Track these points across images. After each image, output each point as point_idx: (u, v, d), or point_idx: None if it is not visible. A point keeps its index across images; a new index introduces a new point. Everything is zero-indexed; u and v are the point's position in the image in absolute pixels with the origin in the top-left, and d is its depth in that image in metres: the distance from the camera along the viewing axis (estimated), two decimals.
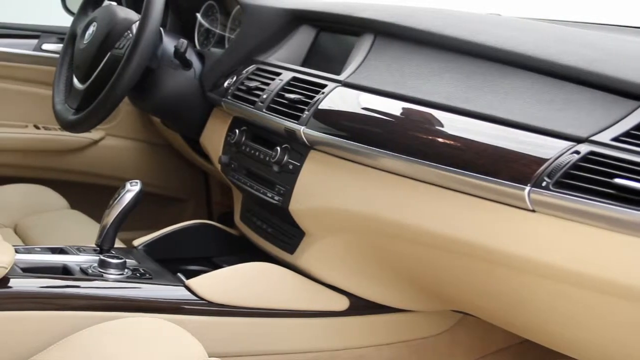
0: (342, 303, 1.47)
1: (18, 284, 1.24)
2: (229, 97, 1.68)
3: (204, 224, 1.73)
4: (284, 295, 1.44)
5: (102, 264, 1.38)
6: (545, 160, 1.02)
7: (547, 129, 1.06)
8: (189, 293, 1.38)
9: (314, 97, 1.44)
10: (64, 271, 1.38)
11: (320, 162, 1.42)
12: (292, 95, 1.49)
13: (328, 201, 1.39)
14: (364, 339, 1.51)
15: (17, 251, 1.32)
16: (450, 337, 1.59)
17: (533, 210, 1.04)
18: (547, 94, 1.12)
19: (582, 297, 1.05)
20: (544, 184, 1.01)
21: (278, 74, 1.60)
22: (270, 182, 1.52)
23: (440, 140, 1.19)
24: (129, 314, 1.27)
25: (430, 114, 1.23)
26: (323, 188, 1.40)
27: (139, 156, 2.47)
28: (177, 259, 1.63)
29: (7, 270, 1.20)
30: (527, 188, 1.03)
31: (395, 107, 1.29)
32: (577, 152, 1.00)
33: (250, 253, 1.64)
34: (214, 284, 1.39)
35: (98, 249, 1.44)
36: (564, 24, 1.51)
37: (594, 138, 1.00)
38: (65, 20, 2.24)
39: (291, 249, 1.52)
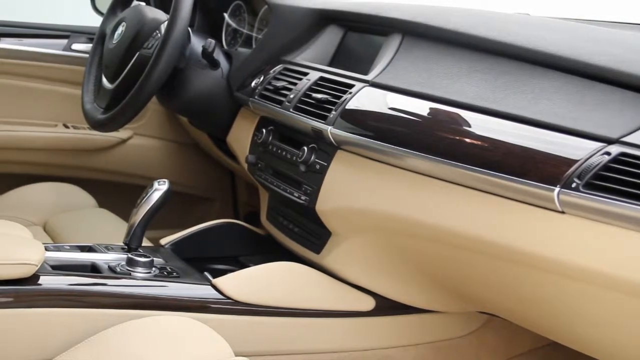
0: (368, 303, 1.47)
1: (47, 281, 1.25)
2: (256, 97, 1.69)
3: (231, 223, 1.74)
4: (310, 295, 1.44)
5: (130, 262, 1.39)
6: (575, 161, 1.01)
7: (577, 129, 1.05)
8: (215, 292, 1.38)
9: (341, 97, 1.44)
10: (93, 269, 1.39)
11: (347, 162, 1.42)
12: (319, 95, 1.49)
13: (355, 201, 1.38)
14: (390, 340, 1.50)
15: (46, 249, 1.33)
16: (476, 338, 1.58)
17: (562, 212, 1.03)
18: (577, 95, 1.11)
19: (611, 300, 1.04)
20: (573, 185, 1.00)
21: (305, 74, 1.60)
22: (297, 182, 1.53)
23: (468, 140, 1.18)
24: (156, 312, 1.28)
25: (458, 114, 1.22)
26: (350, 188, 1.40)
27: (166, 155, 2.49)
28: (203, 257, 1.64)
29: (37, 268, 1.22)
30: (557, 189, 1.02)
31: (422, 107, 1.29)
32: (608, 153, 0.99)
33: (277, 253, 1.64)
34: (241, 283, 1.40)
35: (126, 247, 1.45)
36: (594, 23, 1.50)
37: (625, 139, 0.99)
38: (94, 21, 2.26)
39: (317, 249, 1.52)
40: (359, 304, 1.47)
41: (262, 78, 1.72)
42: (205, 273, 1.48)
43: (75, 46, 2.34)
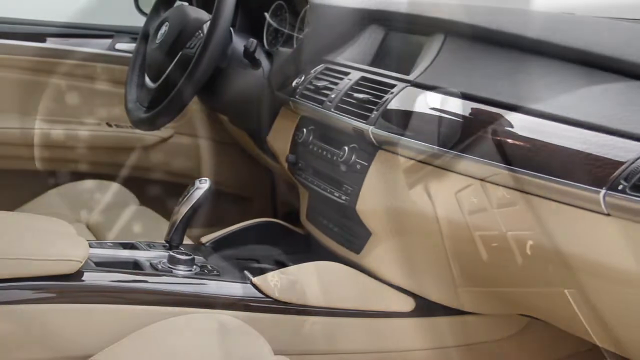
0: (408, 304, 1.47)
1: (91, 277, 1.27)
2: (297, 97, 1.69)
3: (271, 222, 1.75)
4: (349, 294, 1.44)
5: (172, 260, 1.40)
6: (622, 163, 0.99)
7: (624, 131, 1.03)
8: (255, 290, 1.39)
9: (383, 97, 1.44)
10: (135, 266, 1.40)
11: (388, 162, 1.41)
12: (360, 95, 1.48)
13: (395, 201, 1.38)
14: (429, 341, 1.49)
15: (90, 246, 1.35)
16: (516, 341, 1.56)
17: (608, 214, 1.02)
18: (624, 96, 1.09)
19: None
20: (620, 187, 0.98)
21: (347, 74, 1.60)
22: (338, 182, 1.52)
23: (510, 141, 1.17)
24: (196, 310, 1.29)
25: (501, 115, 1.21)
26: (390, 188, 1.39)
27: (206, 154, 2.50)
28: (243, 256, 1.65)
29: (81, 264, 1.23)
30: (603, 191, 1.00)
31: (465, 108, 1.28)
32: None
33: (316, 252, 1.64)
34: (280, 282, 1.40)
35: (167, 245, 1.46)
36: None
37: None
38: (138, 20, 2.29)
39: (357, 249, 1.52)
40: (398, 305, 1.46)
41: (303, 78, 1.72)
42: (245, 271, 1.48)
43: (118, 46, 2.37)
